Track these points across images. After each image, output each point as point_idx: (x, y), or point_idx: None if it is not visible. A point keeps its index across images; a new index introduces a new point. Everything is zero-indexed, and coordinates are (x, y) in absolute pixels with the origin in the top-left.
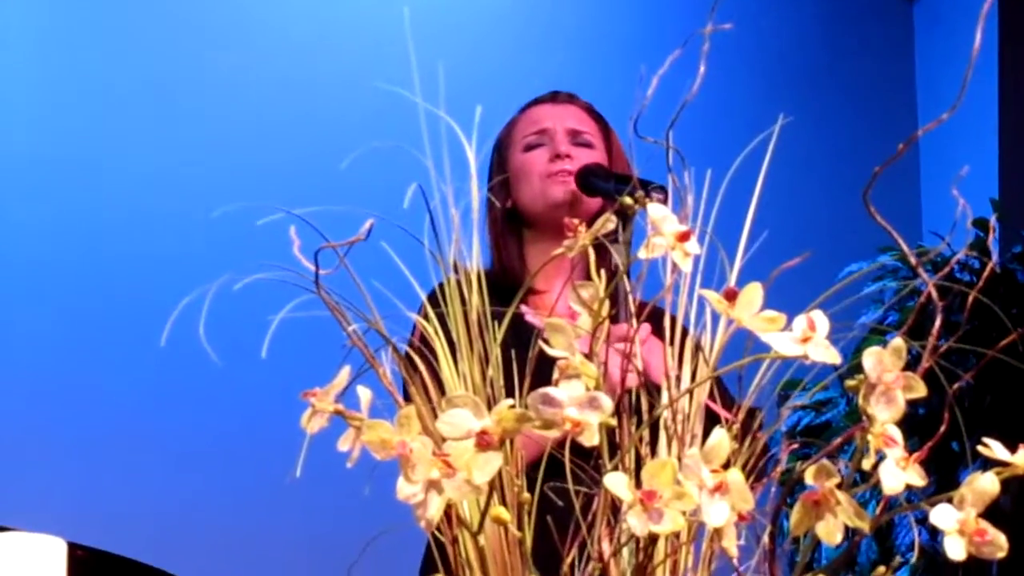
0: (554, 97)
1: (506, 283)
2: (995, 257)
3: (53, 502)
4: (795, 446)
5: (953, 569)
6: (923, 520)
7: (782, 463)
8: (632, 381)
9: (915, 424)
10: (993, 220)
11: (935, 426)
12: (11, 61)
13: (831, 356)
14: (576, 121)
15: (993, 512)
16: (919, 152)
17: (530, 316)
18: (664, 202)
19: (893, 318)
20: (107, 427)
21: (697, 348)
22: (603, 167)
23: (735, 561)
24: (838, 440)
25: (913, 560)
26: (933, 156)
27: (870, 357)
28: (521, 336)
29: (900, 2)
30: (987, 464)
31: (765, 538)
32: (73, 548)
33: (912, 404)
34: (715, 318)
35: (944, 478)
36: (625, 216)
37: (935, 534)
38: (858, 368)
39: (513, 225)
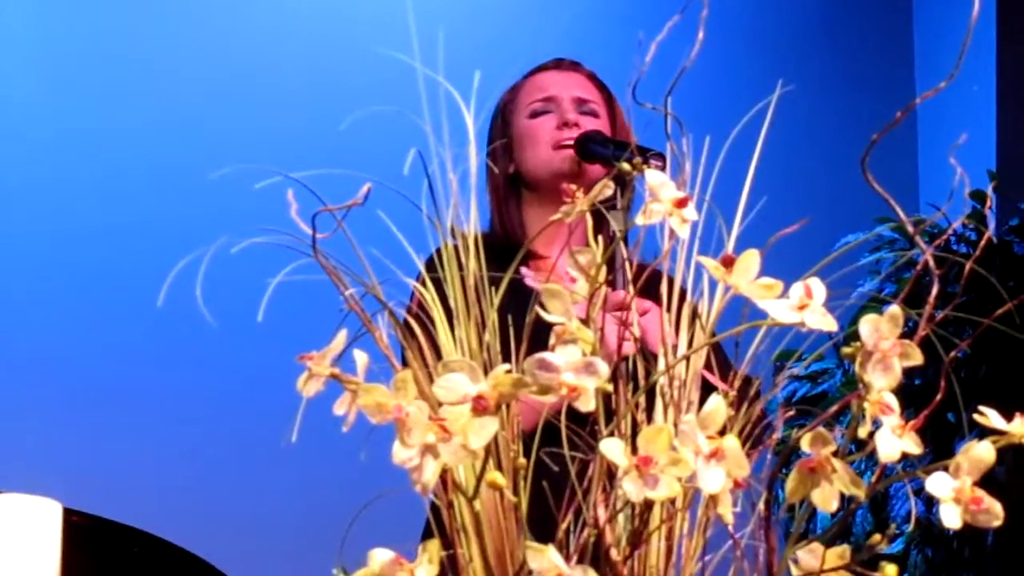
0: (559, 64)
1: (506, 246)
2: (992, 229)
3: (48, 466)
4: (791, 414)
5: (949, 540)
6: (919, 491)
7: (778, 431)
8: (629, 348)
9: (911, 395)
10: (990, 192)
11: (931, 397)
12: (10, 28)
13: (827, 323)
14: (582, 89)
15: (988, 483)
16: (916, 124)
17: (530, 279)
18: (663, 169)
19: (890, 289)
20: (103, 390)
21: (694, 315)
22: (602, 134)
23: (730, 528)
24: (834, 407)
25: (909, 530)
26: (930, 128)
27: (867, 324)
28: (520, 301)
29: None
30: (983, 435)
31: (761, 505)
32: (68, 513)
33: (908, 375)
34: (712, 285)
35: (940, 449)
36: (623, 182)
37: (931, 505)
38: (854, 337)
39: (515, 190)
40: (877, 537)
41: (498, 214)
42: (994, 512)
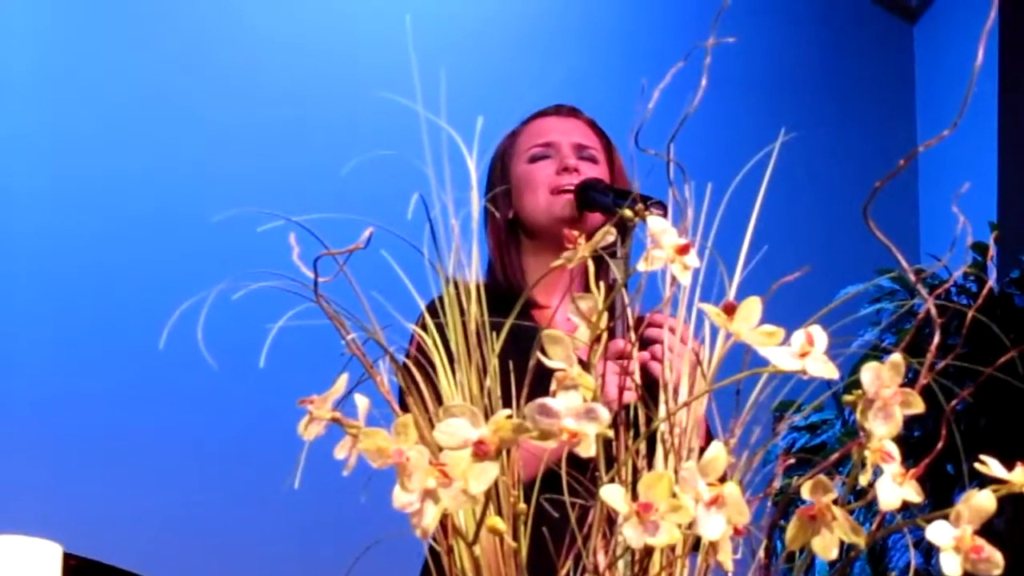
0: (558, 110)
1: (506, 293)
2: (992, 280)
3: (47, 508)
4: (791, 462)
5: None
6: (918, 543)
7: (778, 479)
8: (629, 397)
9: (910, 446)
10: (991, 243)
11: (930, 449)
12: (13, 69)
13: (829, 371)
14: (581, 135)
15: (987, 535)
16: (917, 176)
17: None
18: (663, 217)
19: (890, 340)
20: (104, 432)
21: (696, 361)
22: (602, 181)
23: (731, 575)
24: (835, 455)
25: None
26: (931, 180)
27: (868, 372)
28: (520, 349)
29: (901, 22)
30: (983, 486)
31: (761, 552)
32: (67, 557)
33: (907, 426)
34: (714, 332)
35: (940, 501)
36: (624, 229)
37: (929, 557)
38: (855, 386)
39: (513, 236)
40: None
41: (498, 261)
42: (994, 561)
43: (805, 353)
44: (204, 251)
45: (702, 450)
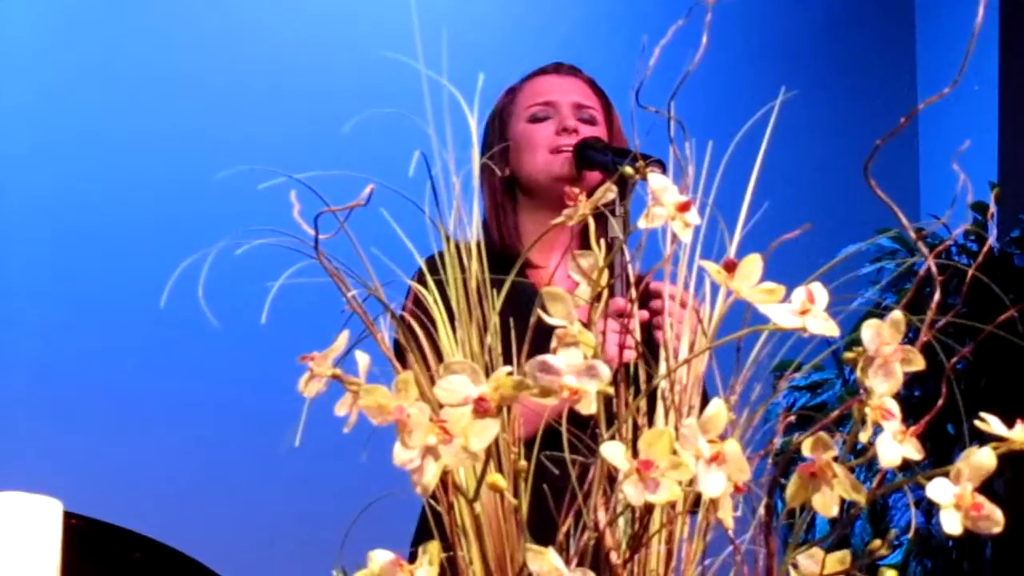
0: (558, 68)
1: (503, 254)
2: (993, 240)
3: (48, 468)
4: (791, 419)
5: (948, 551)
6: (918, 503)
7: (778, 437)
8: (629, 355)
9: (910, 406)
10: (992, 203)
11: (930, 409)
12: (15, 37)
13: (829, 328)
14: (580, 95)
15: (987, 495)
16: (918, 135)
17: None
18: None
19: (890, 299)
20: (104, 391)
21: (696, 319)
22: (600, 140)
23: (731, 533)
24: (835, 412)
25: (908, 541)
26: (932, 139)
27: (869, 329)
28: (519, 307)
29: None
30: (984, 445)
31: (761, 510)
32: (68, 517)
33: (907, 386)
34: (714, 289)
35: (940, 460)
36: (623, 188)
37: (930, 516)
38: (855, 344)
39: (511, 194)
40: (877, 543)
41: (494, 219)
42: (994, 518)
43: (806, 311)
44: (205, 209)
45: (701, 409)
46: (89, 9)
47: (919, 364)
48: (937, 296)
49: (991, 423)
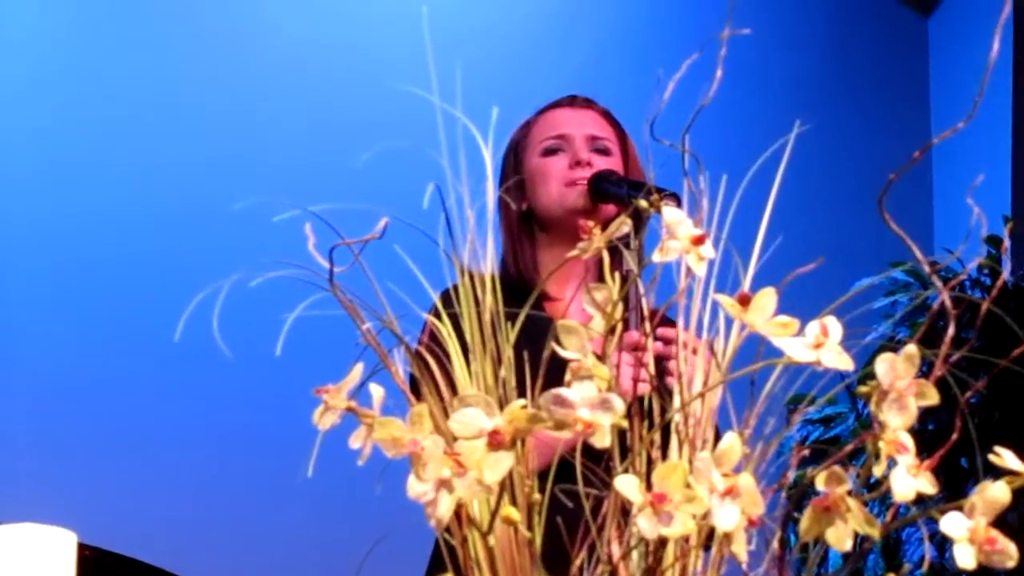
0: (572, 101)
1: (519, 287)
2: (1007, 274)
3: (62, 498)
4: (805, 453)
5: None
6: (932, 536)
7: (792, 471)
8: (644, 389)
9: (924, 440)
10: (1006, 236)
11: (944, 442)
12: (27, 54)
13: (844, 362)
14: (595, 127)
15: (1001, 530)
16: (932, 169)
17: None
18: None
19: (904, 333)
20: (118, 423)
21: (710, 352)
22: (615, 173)
23: (744, 566)
24: (849, 446)
25: (922, 573)
26: (946, 173)
27: (883, 363)
28: (532, 340)
29: (915, 15)
30: (997, 479)
31: (775, 544)
32: (80, 548)
33: (921, 420)
34: (728, 323)
35: (953, 495)
36: (638, 220)
37: (943, 551)
38: (869, 378)
39: (528, 228)
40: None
41: (511, 253)
42: (1008, 552)
43: (820, 344)
44: (220, 241)
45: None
46: (107, 41)
47: (933, 398)
48: (951, 330)
49: (1005, 457)
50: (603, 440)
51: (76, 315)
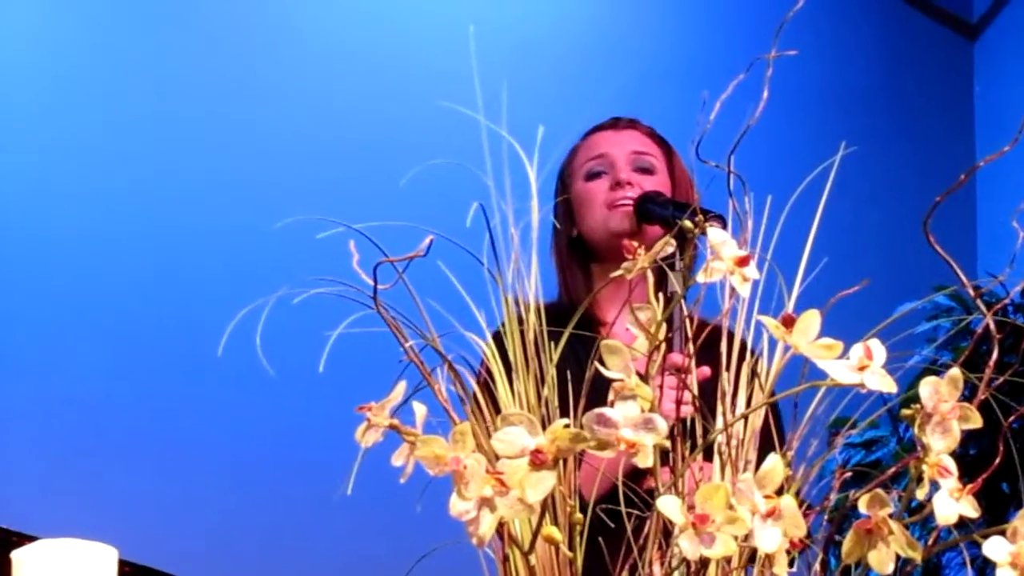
0: (615, 123)
1: (571, 315)
2: None
3: (104, 514)
4: (847, 475)
5: None
6: (973, 561)
7: (834, 493)
8: (685, 412)
9: (966, 464)
10: None
11: (986, 466)
12: (79, 84)
13: (887, 384)
14: (638, 145)
15: None
16: (975, 192)
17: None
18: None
19: (946, 357)
20: (160, 439)
21: (753, 374)
22: (661, 194)
23: None
24: (892, 469)
25: None
26: (989, 197)
27: (927, 386)
28: (585, 369)
29: (961, 39)
30: None
31: (816, 566)
32: (121, 564)
33: (963, 444)
34: (772, 344)
35: (994, 520)
36: (684, 241)
37: (984, 575)
38: (912, 402)
39: (579, 255)
40: None
41: (562, 281)
42: None
43: (864, 367)
44: (263, 259)
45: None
46: (145, 58)
47: (976, 422)
48: (995, 354)
49: None
50: (646, 460)
51: (120, 333)
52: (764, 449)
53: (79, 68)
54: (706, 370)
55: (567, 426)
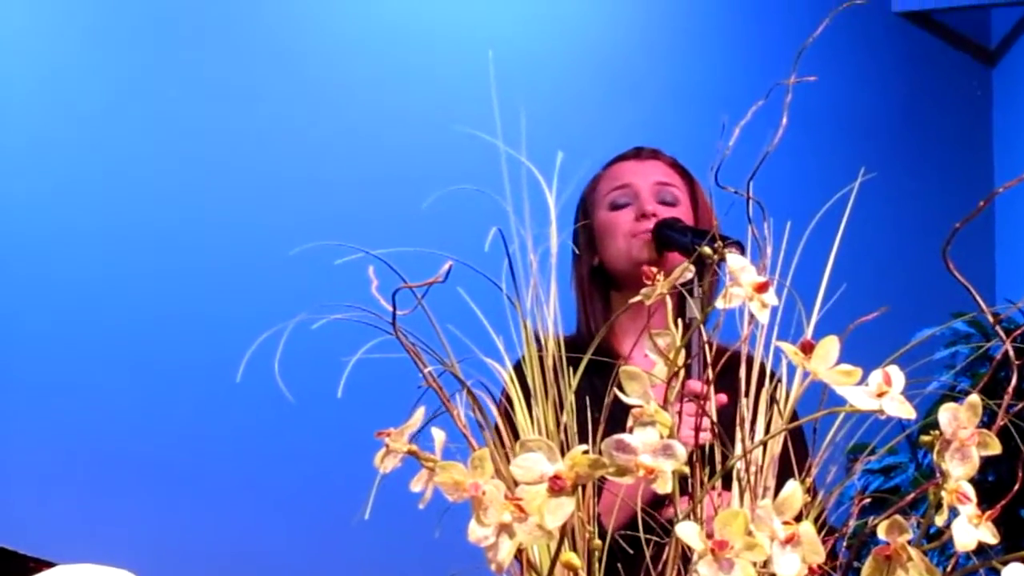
0: (638, 153)
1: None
2: None
3: (124, 537)
4: (867, 500)
5: None
6: None
7: (853, 519)
8: (704, 438)
9: (984, 490)
10: None
11: (1004, 493)
12: (103, 108)
13: (906, 411)
14: (661, 177)
15: None
16: (994, 219)
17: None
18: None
19: (964, 383)
20: (181, 463)
21: (772, 400)
22: (680, 221)
23: None
24: (911, 495)
25: None
26: (1008, 224)
27: (946, 412)
28: (602, 399)
29: (979, 66)
30: None
31: None
32: None
33: (981, 470)
34: (791, 370)
35: (1012, 547)
36: (702, 268)
37: None
38: (931, 427)
39: (600, 285)
40: None
41: (582, 309)
42: None
43: (882, 393)
44: (282, 284)
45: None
46: (171, 83)
47: (996, 448)
48: (1014, 380)
49: None
50: (665, 486)
51: (139, 360)
52: (783, 475)
53: (101, 94)
54: (723, 397)
55: (586, 452)
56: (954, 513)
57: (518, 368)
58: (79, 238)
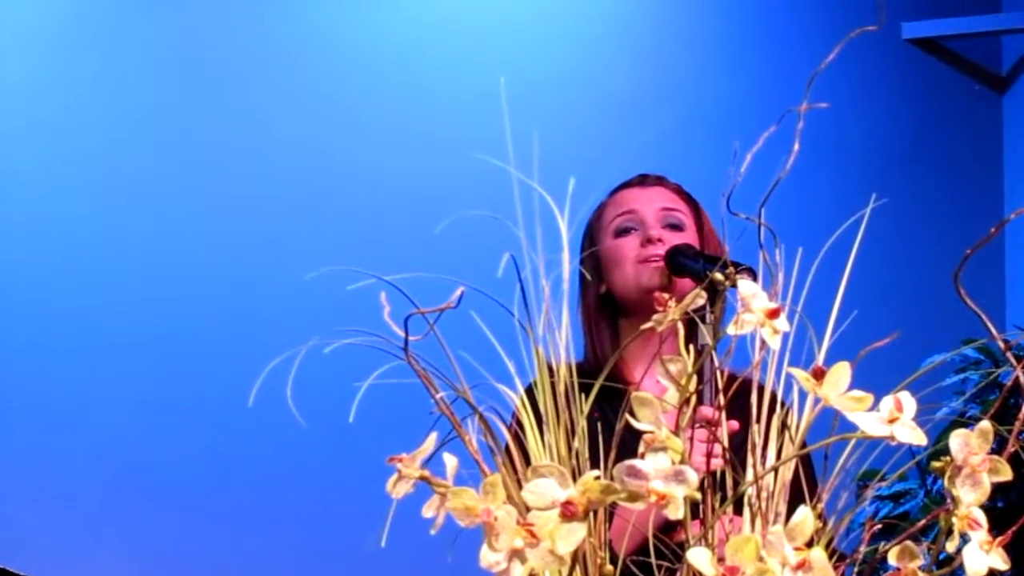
0: (643, 180)
1: (598, 374)
2: None
3: (135, 561)
4: (878, 526)
5: None
6: None
7: (864, 546)
8: (716, 464)
9: (994, 516)
10: None
11: (1014, 519)
12: (120, 126)
13: (917, 437)
14: (666, 202)
15: None
16: (1004, 245)
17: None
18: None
19: (974, 409)
20: (192, 487)
21: (783, 426)
22: (692, 247)
23: None
24: (922, 521)
25: None
26: (1018, 249)
27: (957, 439)
28: (612, 427)
29: (990, 92)
30: None
31: None
32: None
33: (991, 496)
34: (802, 396)
35: (1023, 572)
36: (714, 294)
37: None
38: (941, 454)
39: (607, 313)
40: None
41: (590, 339)
42: None
43: (893, 419)
44: (295, 310)
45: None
46: (189, 120)
47: (1006, 474)
48: None
49: None
50: (676, 512)
51: (151, 384)
52: (794, 501)
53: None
54: (735, 424)
55: (598, 478)
56: (965, 539)
57: (529, 392)
58: (93, 265)
